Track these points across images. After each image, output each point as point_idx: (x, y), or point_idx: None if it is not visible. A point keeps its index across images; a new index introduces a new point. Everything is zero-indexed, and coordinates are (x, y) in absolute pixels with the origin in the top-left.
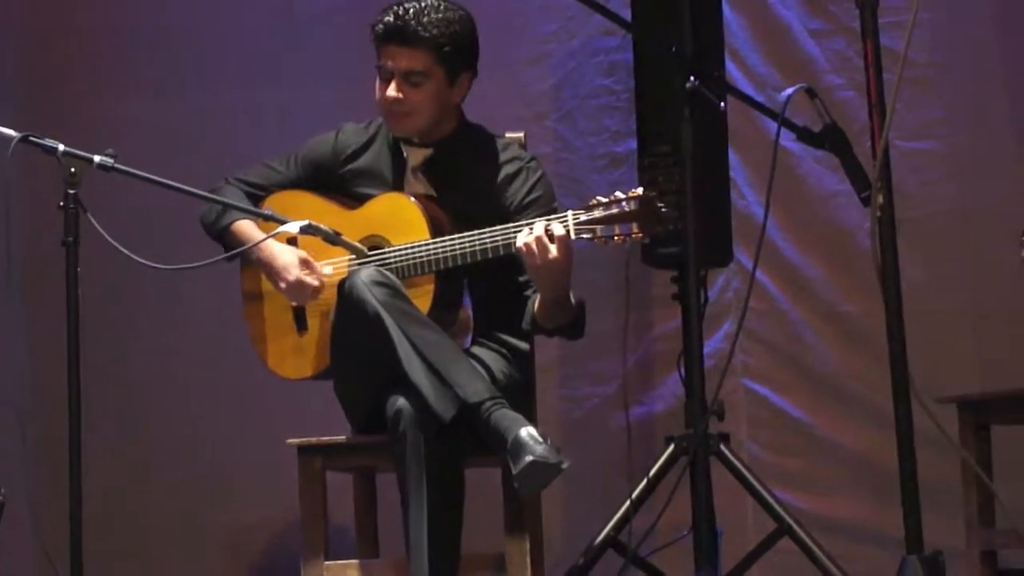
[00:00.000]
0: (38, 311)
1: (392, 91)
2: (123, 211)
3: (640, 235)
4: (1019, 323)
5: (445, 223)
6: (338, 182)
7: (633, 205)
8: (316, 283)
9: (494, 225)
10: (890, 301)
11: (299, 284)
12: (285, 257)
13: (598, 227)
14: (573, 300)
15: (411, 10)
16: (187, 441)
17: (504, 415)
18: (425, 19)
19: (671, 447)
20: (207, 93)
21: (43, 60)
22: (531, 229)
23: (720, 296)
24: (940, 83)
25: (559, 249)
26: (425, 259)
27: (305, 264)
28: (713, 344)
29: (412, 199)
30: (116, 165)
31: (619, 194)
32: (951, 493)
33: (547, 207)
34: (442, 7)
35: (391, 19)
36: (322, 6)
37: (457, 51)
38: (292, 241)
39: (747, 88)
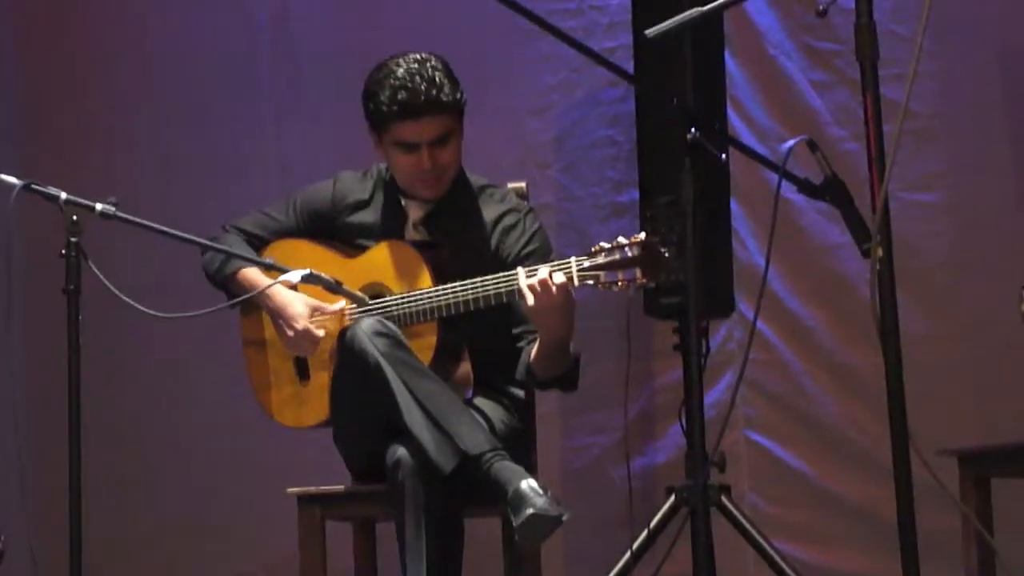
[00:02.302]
0: (39, 358)
1: (427, 161)
2: (124, 257)
3: (644, 280)
4: (1019, 376)
5: (446, 271)
6: (337, 231)
7: (636, 251)
8: (321, 334)
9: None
10: (889, 353)
11: (305, 334)
12: (295, 307)
13: (601, 273)
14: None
15: (418, 79)
16: (186, 490)
17: (504, 467)
18: (438, 83)
19: (672, 498)
20: (206, 140)
21: (43, 110)
22: (532, 272)
23: (722, 347)
24: (942, 135)
25: (560, 293)
26: (427, 307)
27: (315, 310)
28: (715, 395)
29: (413, 247)
30: (118, 213)
31: (621, 239)
32: (952, 546)
33: (544, 259)
34: (434, 62)
35: (405, 96)
36: (322, 54)
37: (464, 99)
38: (293, 289)
39: (749, 139)
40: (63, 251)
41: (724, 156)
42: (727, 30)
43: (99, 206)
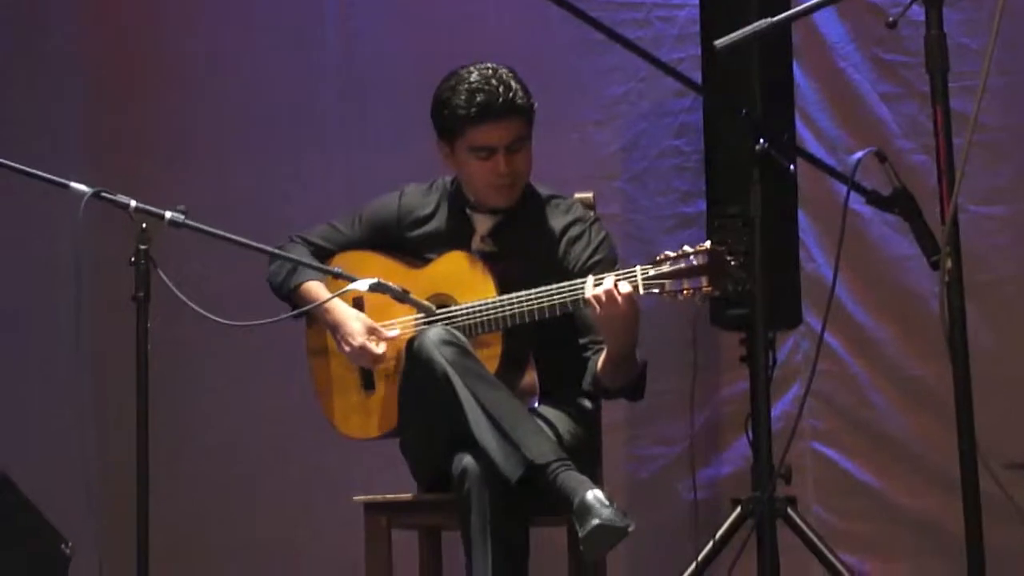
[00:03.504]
0: (107, 366)
1: (504, 165)
2: (191, 268)
3: (709, 289)
4: None
5: (512, 281)
6: (403, 244)
7: (701, 259)
8: (379, 352)
9: None
10: (958, 366)
11: (362, 350)
12: (352, 324)
13: (666, 282)
14: (637, 359)
15: (493, 82)
16: (252, 498)
17: (570, 477)
18: (513, 87)
19: (738, 510)
20: (270, 157)
21: (109, 124)
22: (599, 282)
23: (789, 358)
24: (1011, 147)
25: (626, 302)
26: (493, 317)
27: (372, 331)
28: (781, 407)
29: (478, 257)
30: (187, 221)
31: (687, 248)
32: (1020, 559)
33: (609, 269)
34: (504, 71)
35: (483, 98)
36: (386, 68)
37: (536, 106)
38: (359, 301)
39: (817, 151)
40: (132, 259)
41: (792, 167)
42: (795, 41)
43: (168, 214)
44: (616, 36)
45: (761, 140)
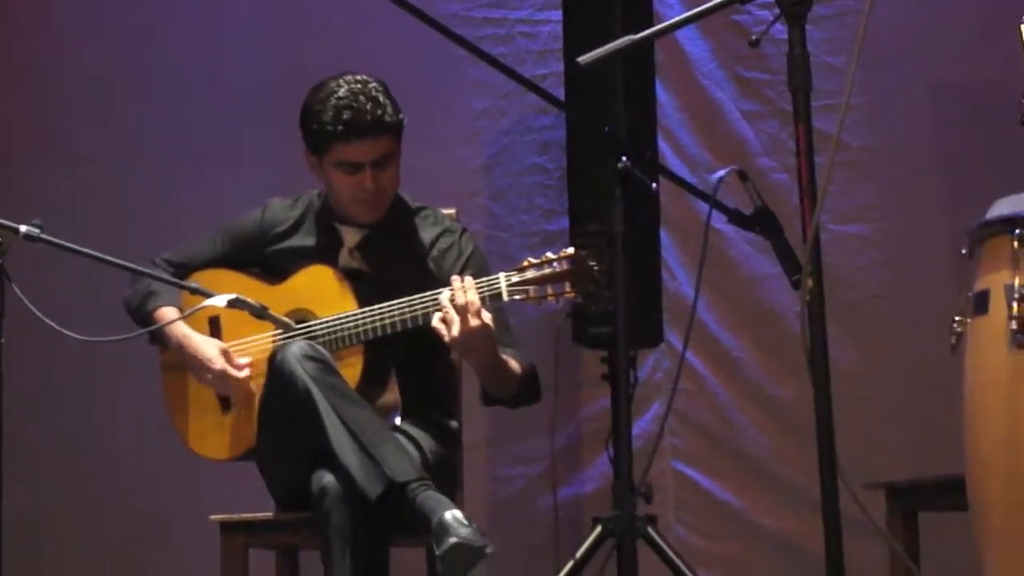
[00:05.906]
0: None
1: (369, 182)
2: (50, 281)
3: (573, 293)
4: (949, 409)
5: (378, 294)
6: (264, 260)
7: (565, 264)
8: (242, 375)
9: None
10: (818, 385)
11: (224, 375)
12: (207, 350)
13: (531, 288)
14: (519, 363)
15: (362, 98)
16: (108, 516)
17: (429, 496)
18: (382, 103)
19: (598, 529)
20: (142, 166)
21: None
22: (455, 294)
23: (650, 377)
24: (873, 167)
25: (475, 318)
26: (352, 331)
27: (225, 355)
28: (642, 425)
29: (336, 271)
30: (43, 236)
31: (550, 255)
32: None
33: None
34: (374, 84)
35: (350, 115)
36: (247, 81)
37: (404, 121)
38: (215, 319)
39: (680, 169)
40: None
41: (654, 185)
42: (658, 59)
43: (23, 228)
44: (478, 52)
45: (624, 158)
